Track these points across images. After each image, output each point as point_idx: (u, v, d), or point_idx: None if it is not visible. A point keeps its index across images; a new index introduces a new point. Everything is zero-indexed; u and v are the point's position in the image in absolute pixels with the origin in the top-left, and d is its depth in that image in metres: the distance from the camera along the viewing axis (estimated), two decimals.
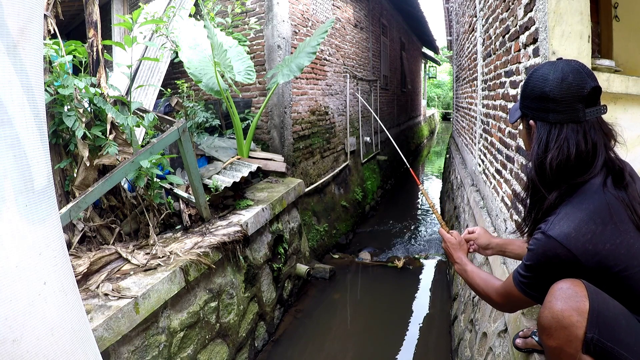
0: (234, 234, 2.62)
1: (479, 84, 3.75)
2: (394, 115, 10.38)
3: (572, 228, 0.89)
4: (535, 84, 0.99)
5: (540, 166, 0.98)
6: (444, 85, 27.70)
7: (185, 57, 3.67)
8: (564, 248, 0.88)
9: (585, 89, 0.92)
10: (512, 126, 2.25)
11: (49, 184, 0.95)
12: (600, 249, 0.87)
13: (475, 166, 3.86)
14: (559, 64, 0.97)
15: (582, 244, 0.88)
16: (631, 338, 0.87)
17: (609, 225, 0.88)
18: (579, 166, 0.94)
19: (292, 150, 4.51)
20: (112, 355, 1.71)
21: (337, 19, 5.87)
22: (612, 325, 0.86)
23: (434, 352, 2.94)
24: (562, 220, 0.91)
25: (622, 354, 0.85)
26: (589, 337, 0.84)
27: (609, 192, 0.91)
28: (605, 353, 0.85)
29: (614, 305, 0.89)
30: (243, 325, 2.71)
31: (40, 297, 0.88)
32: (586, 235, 0.88)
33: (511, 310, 1.13)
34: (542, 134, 0.98)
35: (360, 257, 4.52)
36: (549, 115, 0.96)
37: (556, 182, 0.96)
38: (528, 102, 1.02)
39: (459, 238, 1.40)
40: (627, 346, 0.86)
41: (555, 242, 0.89)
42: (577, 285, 0.87)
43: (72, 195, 2.31)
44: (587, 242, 0.87)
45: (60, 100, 2.26)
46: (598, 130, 0.95)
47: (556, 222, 0.92)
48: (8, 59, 0.85)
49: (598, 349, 0.85)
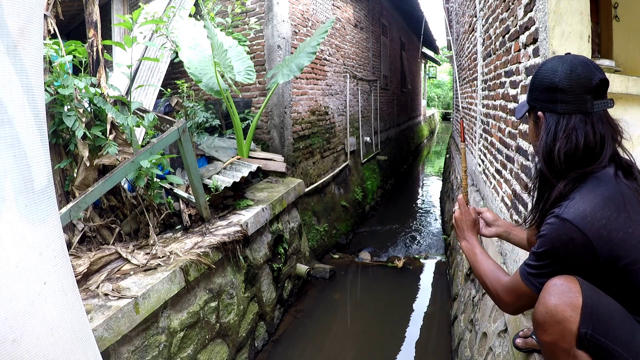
0: (234, 234, 2.62)
1: (479, 84, 3.75)
2: (394, 115, 10.38)
3: (588, 212, 0.87)
4: (544, 76, 1.00)
5: (548, 155, 0.98)
6: (444, 85, 27.71)
7: (185, 57, 3.67)
8: (580, 232, 0.86)
9: (593, 80, 0.93)
10: (512, 126, 2.25)
11: (49, 184, 0.95)
12: (613, 237, 0.86)
13: (475, 166, 3.86)
14: (568, 57, 0.99)
15: (598, 229, 0.86)
16: (626, 335, 0.87)
17: (622, 213, 0.87)
18: (587, 156, 0.94)
19: (292, 150, 4.51)
20: (112, 355, 1.71)
21: (337, 19, 5.87)
22: (606, 321, 0.86)
23: (434, 352, 2.94)
24: (577, 204, 0.89)
25: (616, 350, 0.85)
26: (583, 332, 0.85)
27: (622, 182, 0.91)
28: (599, 349, 0.86)
29: (609, 302, 0.89)
30: (243, 325, 2.70)
31: (40, 297, 0.88)
32: (601, 220, 0.86)
33: (516, 311, 1.07)
34: (550, 125, 0.98)
35: (360, 257, 4.52)
36: (557, 106, 0.97)
37: (565, 172, 0.96)
38: (537, 94, 1.03)
39: (475, 215, 1.34)
40: (621, 343, 0.86)
41: (571, 225, 0.87)
42: (571, 281, 0.88)
43: (72, 195, 2.31)
44: (602, 227, 0.86)
45: (60, 100, 2.26)
46: (605, 123, 0.96)
47: (571, 205, 0.90)
48: (8, 59, 0.85)
49: (592, 344, 0.86)
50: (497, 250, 2.26)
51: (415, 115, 15.37)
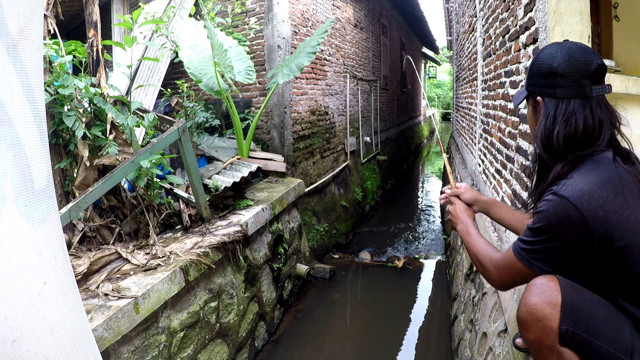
0: (234, 234, 2.62)
1: (479, 84, 3.75)
2: (393, 115, 10.38)
3: (586, 191, 0.88)
4: (543, 61, 1.01)
5: (547, 139, 0.98)
6: (444, 85, 27.69)
7: (185, 57, 3.67)
8: (576, 210, 0.87)
9: (592, 65, 0.95)
10: (512, 126, 2.25)
11: (49, 184, 0.95)
12: (610, 218, 0.86)
13: (475, 166, 3.86)
14: (566, 43, 1.00)
15: (594, 208, 0.86)
16: (612, 330, 0.87)
17: (619, 196, 0.87)
18: (586, 140, 0.95)
19: (292, 150, 4.51)
20: (112, 355, 1.71)
21: (337, 19, 5.87)
22: (588, 318, 0.87)
23: (434, 352, 2.94)
24: (575, 182, 0.90)
25: (601, 346, 0.85)
26: (564, 329, 0.87)
27: (620, 166, 0.92)
28: (583, 345, 0.87)
29: (592, 299, 0.90)
30: (243, 325, 2.71)
31: (40, 297, 0.88)
32: (598, 200, 0.86)
33: (505, 287, 1.08)
34: (549, 109, 0.99)
35: (360, 257, 4.52)
36: (556, 91, 0.98)
37: (563, 155, 0.96)
38: (535, 80, 1.03)
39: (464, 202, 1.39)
40: (606, 338, 0.86)
41: (567, 202, 0.88)
42: (551, 280, 0.90)
43: (72, 195, 2.31)
44: (599, 207, 0.86)
45: (60, 100, 2.26)
46: (604, 108, 0.97)
47: (569, 184, 0.90)
48: (8, 59, 0.85)
49: (574, 340, 0.87)
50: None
51: (415, 115, 15.37)
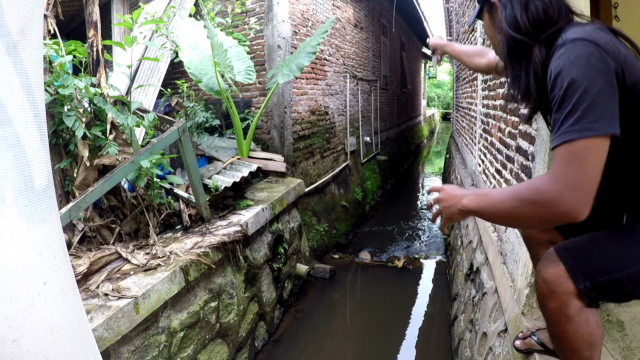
0: (234, 234, 2.62)
1: (479, 83, 3.75)
2: (394, 115, 10.38)
3: (587, 31, 0.84)
4: None
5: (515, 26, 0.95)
6: (444, 85, 27.70)
7: (185, 57, 3.67)
8: (593, 43, 0.81)
9: None
10: (512, 126, 2.25)
11: (49, 184, 0.95)
12: (617, 53, 0.82)
13: (475, 166, 3.86)
14: None
15: (605, 43, 0.82)
16: (628, 252, 0.90)
17: (613, 39, 0.85)
18: (550, 23, 0.92)
19: (292, 150, 4.51)
20: (112, 355, 1.71)
21: (337, 19, 5.87)
22: (596, 261, 0.91)
23: (434, 352, 2.94)
24: (572, 30, 0.87)
25: (622, 275, 0.88)
26: (582, 288, 0.90)
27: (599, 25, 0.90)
28: (607, 288, 0.89)
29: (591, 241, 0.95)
30: (243, 325, 2.71)
31: (40, 297, 0.88)
32: (600, 39, 0.82)
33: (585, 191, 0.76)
34: (506, 2, 0.97)
35: (360, 257, 4.52)
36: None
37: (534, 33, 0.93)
38: None
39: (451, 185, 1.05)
40: (628, 262, 0.88)
41: (582, 40, 0.82)
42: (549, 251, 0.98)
43: (72, 195, 2.31)
44: (607, 44, 0.82)
45: (60, 100, 2.26)
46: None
47: (570, 31, 0.87)
48: (8, 59, 0.85)
49: (599, 290, 0.89)
50: (498, 250, 2.26)
51: (415, 115, 15.37)
